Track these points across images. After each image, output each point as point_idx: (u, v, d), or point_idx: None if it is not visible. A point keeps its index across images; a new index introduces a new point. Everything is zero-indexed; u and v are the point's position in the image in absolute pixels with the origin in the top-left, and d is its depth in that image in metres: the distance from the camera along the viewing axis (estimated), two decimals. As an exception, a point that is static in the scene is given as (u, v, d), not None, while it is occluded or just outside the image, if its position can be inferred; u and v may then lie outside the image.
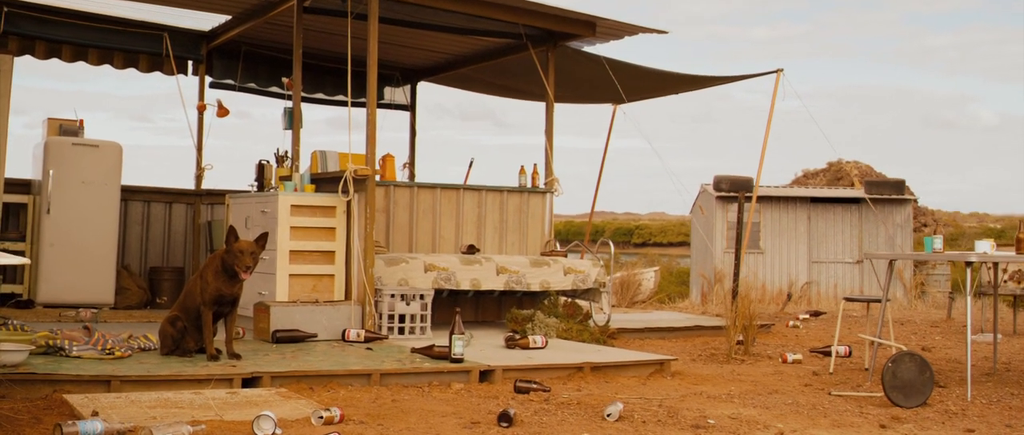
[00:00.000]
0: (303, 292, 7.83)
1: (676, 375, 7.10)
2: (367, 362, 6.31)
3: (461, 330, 6.41)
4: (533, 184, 9.82)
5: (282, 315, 7.35)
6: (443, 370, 6.25)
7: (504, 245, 9.61)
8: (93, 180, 9.72)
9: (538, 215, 9.80)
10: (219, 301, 6.23)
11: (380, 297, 7.71)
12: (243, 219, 8.43)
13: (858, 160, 28.47)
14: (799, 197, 19.85)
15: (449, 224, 9.34)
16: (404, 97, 12.07)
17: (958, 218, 39.68)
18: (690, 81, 10.96)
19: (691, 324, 9.87)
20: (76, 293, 9.60)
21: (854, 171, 27.69)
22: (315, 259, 7.95)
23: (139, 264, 10.79)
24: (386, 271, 8.04)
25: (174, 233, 11.01)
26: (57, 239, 9.56)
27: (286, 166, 8.80)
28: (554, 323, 8.29)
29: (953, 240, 32.58)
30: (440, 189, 9.31)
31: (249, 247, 6.18)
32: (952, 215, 39.42)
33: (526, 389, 6.06)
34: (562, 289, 8.87)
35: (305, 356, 6.55)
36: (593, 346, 7.82)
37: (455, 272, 8.35)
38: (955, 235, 34.09)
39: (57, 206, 9.55)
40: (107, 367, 5.68)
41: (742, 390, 6.62)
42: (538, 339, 7.40)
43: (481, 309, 9.62)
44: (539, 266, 8.76)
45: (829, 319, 12.83)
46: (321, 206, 7.96)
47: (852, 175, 27.35)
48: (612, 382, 6.67)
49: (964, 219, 40.40)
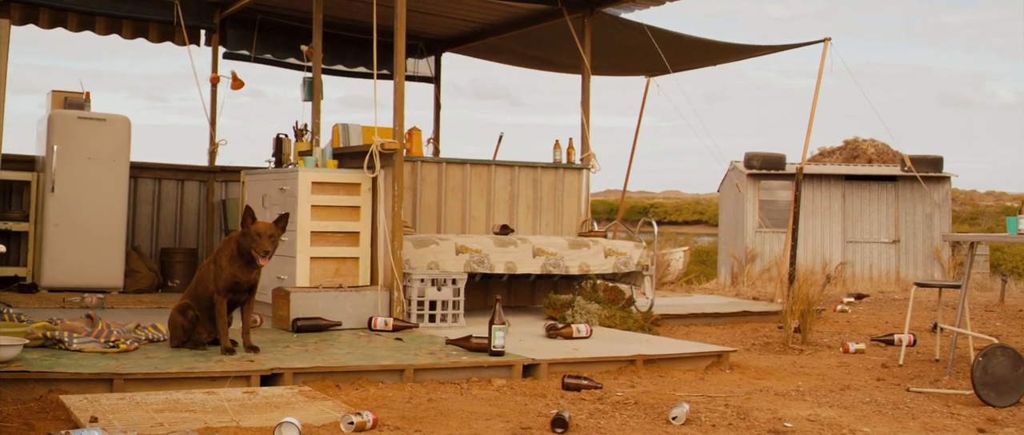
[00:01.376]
0: (325, 276, 7.22)
1: (734, 368, 6.48)
2: (399, 355, 5.71)
3: (502, 320, 5.80)
4: (568, 160, 9.20)
5: (303, 302, 6.75)
6: (482, 364, 5.64)
7: (538, 225, 8.99)
8: (100, 156, 9.13)
9: (574, 193, 9.17)
10: (234, 288, 5.62)
11: (409, 282, 7.10)
12: (260, 197, 7.82)
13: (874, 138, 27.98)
14: (833, 175, 19.18)
15: (480, 202, 8.73)
16: (428, 69, 11.43)
17: (975, 197, 38.97)
18: (735, 51, 10.30)
19: (738, 309, 9.24)
20: (82, 276, 9.03)
21: (871, 149, 27.14)
22: (338, 241, 7.33)
23: (149, 245, 10.21)
24: (415, 254, 7.43)
25: (186, 212, 10.42)
26: (62, 219, 8.99)
27: (306, 140, 8.17)
28: (596, 309, 7.67)
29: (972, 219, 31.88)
30: (470, 165, 8.69)
31: (268, 229, 5.56)
32: (969, 193, 38.73)
33: (576, 386, 5.45)
34: (603, 272, 8.25)
35: (329, 348, 5.94)
36: (641, 335, 7.20)
37: (489, 254, 7.73)
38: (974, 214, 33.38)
39: (62, 184, 8.97)
40: (110, 363, 5.08)
41: (811, 385, 5.99)
42: (582, 328, 6.78)
43: (513, 293, 9.01)
44: (578, 248, 8.13)
45: (873, 302, 12.20)
46: (345, 183, 7.34)
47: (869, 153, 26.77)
48: (667, 376, 6.06)
49: (981, 198, 39.70)
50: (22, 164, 9.47)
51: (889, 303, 12.23)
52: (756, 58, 10.97)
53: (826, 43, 10.55)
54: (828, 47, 10.56)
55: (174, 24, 9.99)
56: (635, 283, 8.54)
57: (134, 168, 9.73)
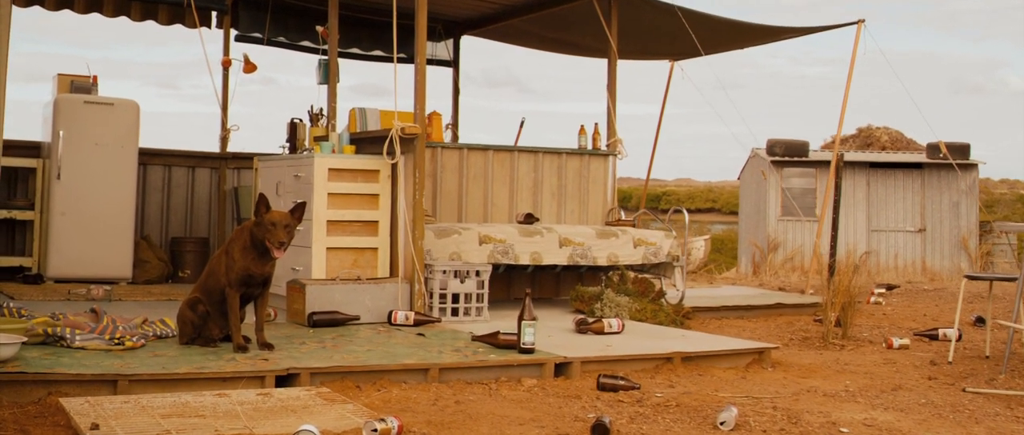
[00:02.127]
0: (343, 268, 6.87)
1: (776, 365, 6.12)
2: (422, 353, 5.35)
3: (531, 315, 5.44)
4: (594, 146, 8.82)
5: (319, 295, 6.40)
6: (512, 363, 5.28)
7: (563, 213, 8.62)
8: (108, 142, 8.80)
9: (600, 180, 8.80)
10: (247, 282, 5.27)
11: (431, 274, 6.75)
12: (273, 185, 7.47)
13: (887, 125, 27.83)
14: (857, 162, 18.75)
15: (502, 190, 8.36)
16: (446, 52, 11.04)
17: (989, 185, 38.47)
18: (766, 33, 9.90)
19: (771, 301, 8.86)
20: (90, 267, 8.71)
21: (884, 137, 26.93)
22: (356, 230, 6.98)
23: (159, 234, 9.88)
24: (436, 244, 7.08)
25: (197, 200, 10.08)
26: (69, 207, 8.66)
27: (321, 125, 7.82)
28: (626, 302, 7.31)
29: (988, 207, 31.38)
30: (492, 151, 8.33)
31: (283, 219, 5.21)
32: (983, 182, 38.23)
33: (612, 386, 5.09)
34: (632, 263, 7.88)
35: (348, 345, 5.60)
36: (675, 330, 6.84)
37: (513, 245, 7.37)
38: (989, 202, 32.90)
39: (68, 171, 8.64)
40: (114, 362, 4.74)
41: (860, 385, 5.62)
42: (614, 323, 6.42)
43: (538, 285, 8.66)
44: (606, 237, 7.77)
45: (904, 293, 11.80)
46: (363, 170, 6.98)
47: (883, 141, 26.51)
48: (706, 375, 5.70)
49: (994, 186, 39.22)
50: (27, 150, 9.14)
51: (920, 294, 11.83)
52: (774, 43, 10.58)
53: (860, 25, 10.17)
54: (862, 29, 10.19)
55: (184, 6, 9.62)
56: (665, 274, 8.18)
57: (143, 154, 9.40)
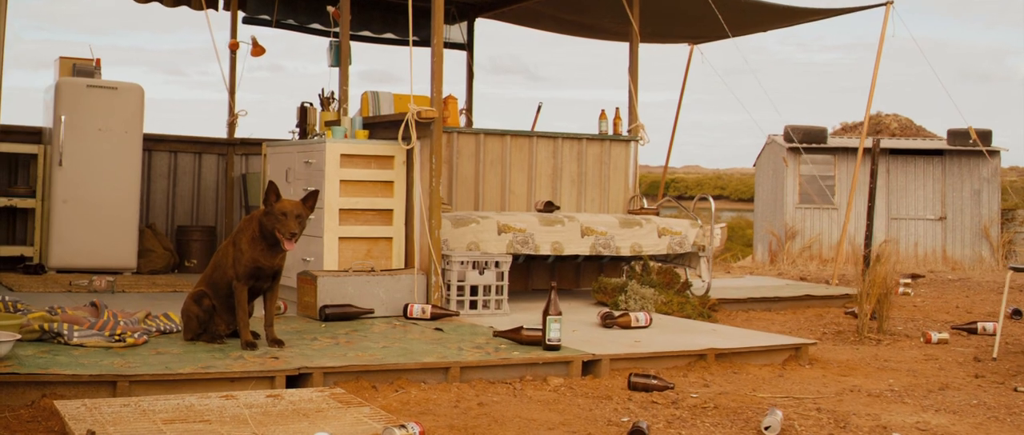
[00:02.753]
0: (356, 259, 6.56)
1: (814, 362, 5.79)
2: (442, 350, 5.04)
3: (557, 309, 5.12)
4: (615, 131, 8.50)
5: (332, 287, 6.09)
6: (536, 361, 4.97)
7: (583, 201, 8.30)
8: (111, 127, 8.49)
9: (621, 167, 8.47)
10: (256, 275, 4.96)
11: (448, 265, 6.43)
12: (283, 171, 7.16)
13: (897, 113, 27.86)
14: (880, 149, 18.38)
15: (520, 177, 8.04)
16: (460, 35, 10.71)
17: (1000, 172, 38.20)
18: (791, 14, 9.55)
19: (799, 293, 8.53)
20: (92, 256, 8.41)
21: (894, 124, 26.88)
22: (370, 219, 6.67)
23: (165, 223, 9.58)
24: (453, 233, 6.77)
25: (204, 187, 9.77)
26: (71, 194, 8.36)
27: (333, 109, 7.50)
28: (651, 294, 6.99)
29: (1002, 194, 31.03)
30: (510, 137, 8.00)
31: (294, 208, 4.89)
32: (997, 170, 37.95)
33: (644, 386, 4.78)
34: (656, 253, 7.56)
35: (362, 341, 5.29)
36: (704, 325, 6.52)
37: (533, 234, 7.05)
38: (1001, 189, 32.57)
39: (70, 157, 8.34)
40: (114, 361, 4.43)
41: (905, 384, 5.30)
42: (640, 317, 6.11)
43: (557, 275, 8.34)
44: (629, 226, 7.45)
45: (930, 283, 11.47)
46: (377, 156, 6.66)
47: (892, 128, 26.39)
48: (742, 373, 5.38)
49: (1005, 173, 38.92)
50: (28, 136, 8.85)
51: (946, 284, 11.50)
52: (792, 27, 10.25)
53: (888, 8, 9.83)
54: (890, 12, 9.84)
55: (190, -14, 9.32)
56: (690, 265, 7.86)
57: (148, 140, 9.10)
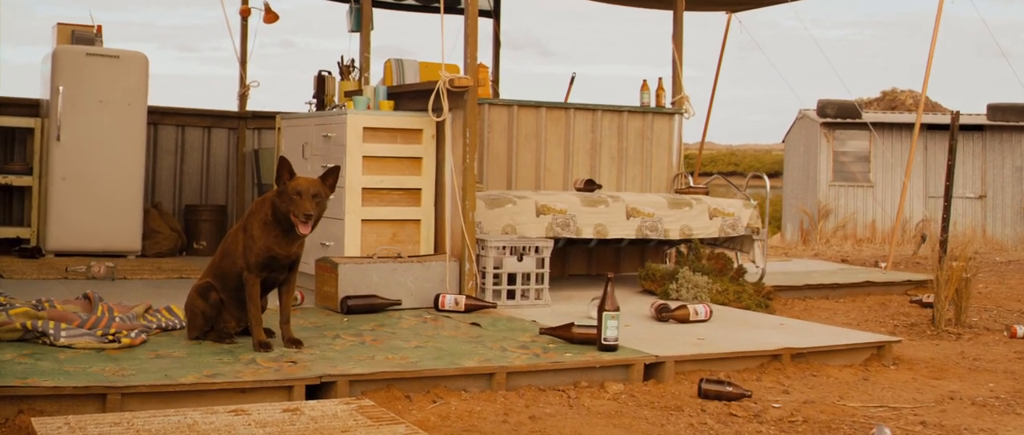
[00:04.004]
0: (380, 243, 5.92)
1: (898, 362, 5.13)
2: (483, 351, 4.39)
3: (614, 304, 4.47)
4: (657, 103, 7.83)
5: (354, 275, 5.45)
6: (592, 364, 4.32)
7: (623, 179, 7.63)
8: (113, 99, 7.86)
9: (664, 142, 7.80)
10: (270, 265, 4.31)
11: (483, 250, 5.78)
12: (299, 146, 6.51)
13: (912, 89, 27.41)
14: (913, 124, 17.64)
15: (556, 153, 7.38)
16: (487, 1, 10.03)
17: (1018, 150, 37.65)
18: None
19: (858, 279, 7.86)
20: (94, 238, 7.79)
21: (909, 99, 26.47)
22: (395, 199, 6.01)
23: (172, 202, 8.95)
24: (487, 215, 6.12)
25: (214, 164, 9.14)
26: (70, 172, 7.74)
27: (353, 78, 6.84)
28: (704, 283, 6.34)
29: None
30: (545, 109, 7.34)
31: (311, 187, 4.23)
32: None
33: (718, 394, 4.13)
34: (707, 237, 6.90)
35: (391, 339, 4.65)
36: (769, 317, 5.86)
37: (575, 216, 6.40)
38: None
39: (69, 131, 7.71)
40: (106, 366, 3.80)
41: (1009, 389, 4.64)
42: (700, 309, 5.46)
43: (595, 261, 7.69)
44: (678, 207, 6.79)
45: (983, 266, 10.78)
46: (403, 129, 6.00)
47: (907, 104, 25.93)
48: (822, 376, 4.72)
49: (1023, 151, 38.43)
50: (24, 109, 8.22)
51: (999, 268, 10.83)
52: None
53: (948, -30, 9.12)
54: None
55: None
56: (742, 249, 7.20)
57: (153, 113, 8.46)
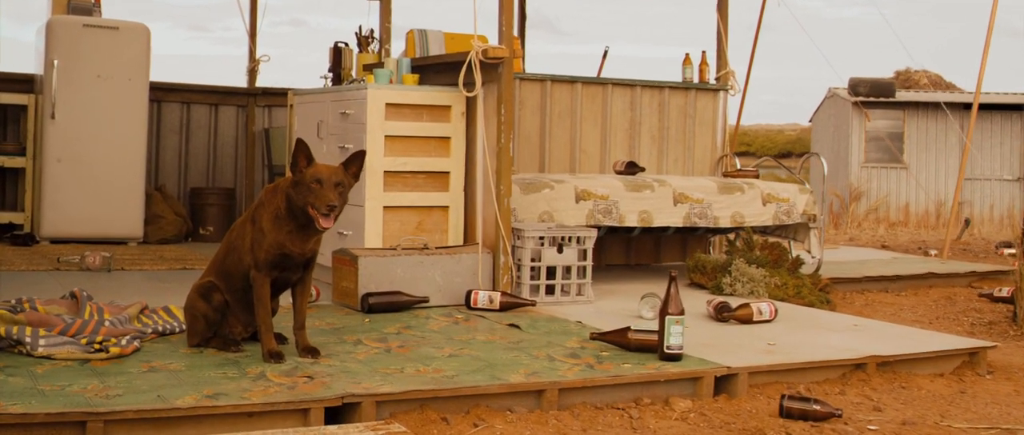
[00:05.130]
0: (405, 233, 5.32)
1: (993, 370, 4.53)
2: (528, 361, 3.80)
3: (679, 307, 3.87)
4: (701, 79, 7.22)
5: (376, 269, 4.87)
6: (656, 377, 3.72)
7: (665, 161, 7.04)
8: (113, 73, 7.28)
9: (708, 121, 7.21)
10: (281, 263, 3.71)
11: (520, 241, 5.19)
12: (313, 125, 5.92)
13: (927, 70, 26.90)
14: (950, 103, 16.98)
15: (592, 132, 6.78)
16: (511, -30, 9.39)
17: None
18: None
19: (920, 271, 7.24)
20: (92, 224, 7.24)
21: (924, 79, 25.92)
22: (421, 184, 5.41)
23: (177, 185, 8.37)
24: (522, 201, 5.52)
25: (222, 144, 8.56)
26: (66, 153, 7.18)
27: (372, 50, 6.24)
28: (761, 276, 5.74)
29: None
30: (581, 84, 6.74)
31: (333, 175, 3.62)
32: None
33: (803, 413, 3.53)
34: (760, 224, 6.30)
35: (420, 344, 4.06)
36: (841, 317, 5.26)
37: (618, 201, 5.80)
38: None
39: (65, 109, 7.14)
40: (88, 384, 3.22)
41: None
42: (764, 308, 4.86)
43: (634, 250, 7.10)
44: (730, 192, 6.18)
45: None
46: (430, 105, 5.40)
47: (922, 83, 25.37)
48: (911, 388, 4.13)
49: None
50: (17, 84, 7.65)
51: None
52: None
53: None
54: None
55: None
56: (797, 237, 6.60)
57: (156, 89, 7.89)
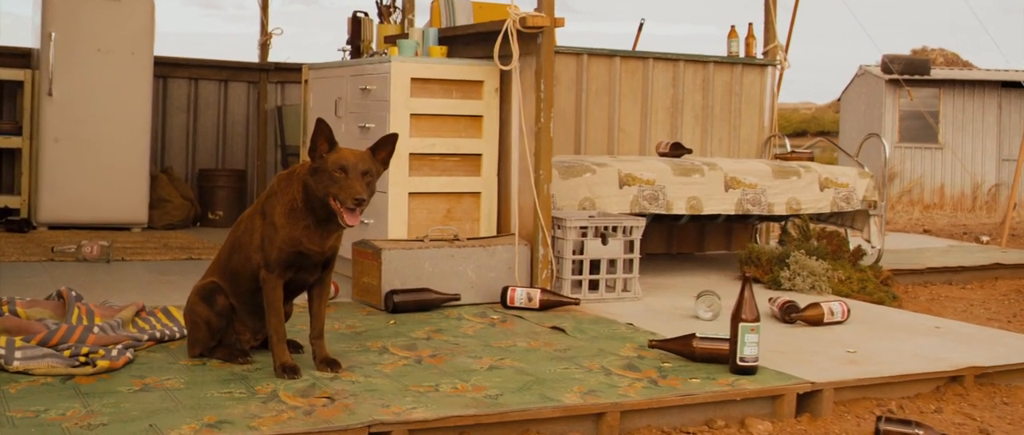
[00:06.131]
0: (433, 223, 4.81)
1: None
2: (581, 375, 3.29)
3: (754, 313, 3.35)
4: (747, 53, 6.69)
5: (402, 263, 4.36)
6: (731, 396, 3.21)
7: (709, 142, 6.52)
8: (114, 47, 6.80)
9: (755, 99, 6.68)
10: (297, 263, 3.18)
11: (561, 231, 4.67)
12: (330, 103, 5.40)
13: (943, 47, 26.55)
14: (987, 81, 16.37)
15: (632, 111, 6.26)
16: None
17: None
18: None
19: (987, 261, 6.70)
20: (93, 209, 6.77)
21: (940, 58, 25.58)
22: (450, 167, 4.89)
23: (184, 166, 7.88)
24: (561, 187, 5.01)
25: (232, 123, 8.05)
26: (64, 132, 6.70)
27: (395, 21, 5.72)
28: (822, 270, 5.22)
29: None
30: (619, 59, 6.22)
31: (359, 162, 3.08)
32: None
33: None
34: (817, 211, 5.77)
35: (454, 354, 3.55)
36: (918, 317, 4.73)
37: (665, 187, 5.27)
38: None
39: (63, 85, 6.66)
40: (69, 410, 2.72)
41: None
42: (836, 308, 4.34)
43: (676, 238, 6.59)
44: (785, 176, 5.65)
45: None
46: (460, 81, 4.87)
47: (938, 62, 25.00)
48: (1015, 403, 3.61)
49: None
50: (12, 59, 7.16)
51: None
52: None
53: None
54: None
55: None
56: (854, 225, 6.07)
57: (161, 65, 7.40)
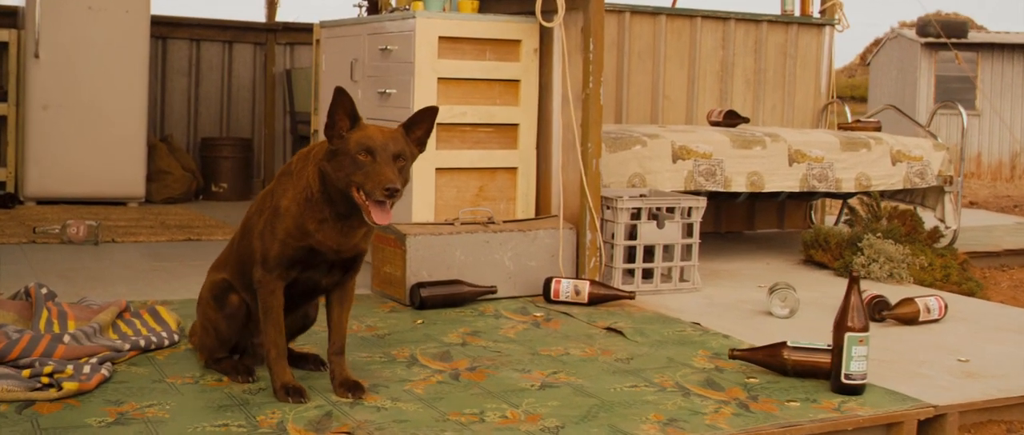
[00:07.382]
0: (463, 203, 4.21)
1: None
2: (653, 397, 2.71)
3: (863, 321, 2.76)
4: (803, 12, 6.09)
5: (429, 251, 3.77)
6: (841, 426, 2.62)
7: (760, 109, 5.92)
8: (106, 5, 6.23)
9: (811, 62, 6.07)
10: (305, 260, 2.54)
11: (611, 212, 4.08)
12: (345, 65, 4.79)
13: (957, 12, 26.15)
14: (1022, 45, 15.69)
15: (678, 75, 5.66)
16: None
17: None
18: None
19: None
20: (85, 182, 6.22)
21: None
22: (483, 139, 4.28)
23: (185, 135, 7.31)
24: (608, 161, 4.40)
25: (237, 88, 7.47)
26: (54, 98, 6.15)
27: (416, -26, 5.10)
28: (901, 255, 4.62)
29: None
30: (665, 17, 5.62)
31: (389, 142, 2.43)
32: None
33: (1063, 484, 2.43)
34: (889, 188, 5.17)
35: (497, 365, 2.97)
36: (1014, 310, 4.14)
37: (722, 161, 4.67)
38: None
39: (51, 46, 6.08)
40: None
41: None
42: (932, 305, 3.75)
43: (725, 216, 6.00)
44: (854, 149, 5.04)
45: None
46: (494, 40, 4.25)
47: None
48: None
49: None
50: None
51: None
52: None
53: None
54: None
55: None
56: (927, 203, 5.47)
57: (160, 24, 6.82)
